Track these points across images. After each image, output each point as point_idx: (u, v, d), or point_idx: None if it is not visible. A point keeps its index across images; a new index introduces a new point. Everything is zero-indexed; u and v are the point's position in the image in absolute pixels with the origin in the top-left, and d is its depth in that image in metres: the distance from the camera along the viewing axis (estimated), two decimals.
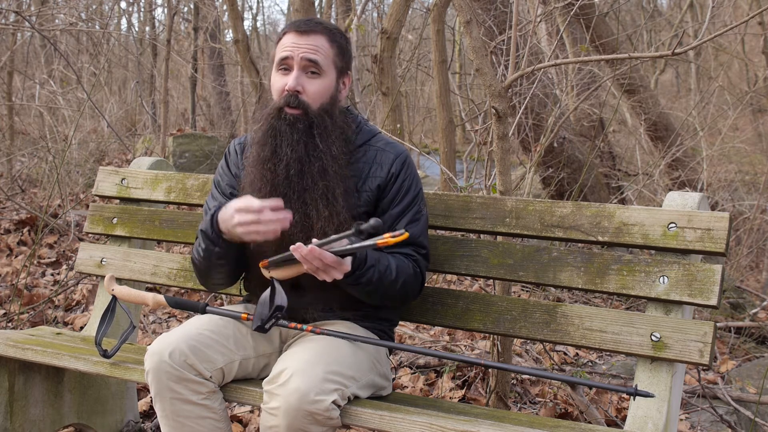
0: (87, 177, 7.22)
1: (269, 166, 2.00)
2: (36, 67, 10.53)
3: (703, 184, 6.66)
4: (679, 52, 2.35)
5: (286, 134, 2.00)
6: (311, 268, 1.84)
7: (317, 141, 2.01)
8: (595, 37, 6.65)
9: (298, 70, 2.02)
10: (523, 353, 3.75)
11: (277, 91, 2.05)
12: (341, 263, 1.84)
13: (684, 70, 16.69)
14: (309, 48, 2.02)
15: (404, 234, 1.72)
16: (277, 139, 2.00)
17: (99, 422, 2.67)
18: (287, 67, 2.04)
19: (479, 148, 4.15)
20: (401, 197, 2.09)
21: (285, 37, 2.06)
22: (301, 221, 1.98)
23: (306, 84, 2.02)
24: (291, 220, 1.92)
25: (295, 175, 1.99)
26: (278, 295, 1.88)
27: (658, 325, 1.95)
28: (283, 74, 2.05)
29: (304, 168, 1.99)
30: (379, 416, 1.81)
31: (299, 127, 2.00)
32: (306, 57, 2.02)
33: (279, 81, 2.05)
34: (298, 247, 1.81)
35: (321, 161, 2.00)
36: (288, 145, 2.00)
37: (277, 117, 2.01)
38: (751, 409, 3.11)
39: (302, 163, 2.00)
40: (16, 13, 5.93)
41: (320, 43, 2.04)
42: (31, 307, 4.05)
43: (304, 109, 2.01)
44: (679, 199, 2.05)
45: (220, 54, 12.87)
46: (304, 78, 2.02)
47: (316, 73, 2.04)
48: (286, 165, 1.99)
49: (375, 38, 7.37)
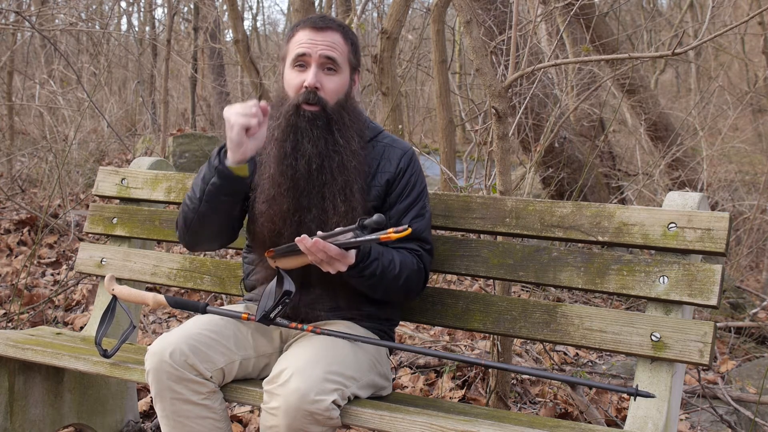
0: (87, 177, 7.22)
1: (289, 161, 2.00)
2: (36, 67, 10.53)
3: (703, 184, 6.66)
4: (679, 52, 2.35)
5: (306, 131, 2.00)
6: (315, 260, 1.85)
7: (337, 136, 2.02)
8: (595, 37, 6.65)
9: (316, 67, 2.02)
10: (523, 353, 3.75)
11: (293, 88, 2.04)
12: (345, 256, 1.84)
13: (684, 70, 16.69)
14: (326, 45, 2.02)
15: (407, 229, 1.73)
16: (298, 135, 2.00)
17: (99, 422, 2.67)
18: (304, 63, 2.03)
19: (479, 148, 4.15)
20: (408, 192, 2.10)
21: (299, 33, 2.05)
22: (318, 216, 1.98)
23: (324, 80, 2.02)
24: (308, 214, 1.93)
25: (316, 170, 1.99)
26: (286, 281, 1.88)
27: (658, 325, 1.95)
28: (300, 71, 2.04)
29: (324, 163, 2.00)
30: (379, 416, 1.81)
31: (318, 123, 2.01)
32: (324, 54, 2.02)
33: (295, 78, 2.04)
34: (303, 239, 1.81)
35: (341, 156, 2.01)
36: (309, 141, 2.00)
37: (296, 114, 2.01)
38: (751, 409, 3.11)
39: (323, 158, 2.00)
40: (16, 13, 5.94)
41: (336, 39, 2.05)
42: (31, 307, 4.05)
43: (322, 105, 2.01)
44: (679, 199, 2.05)
45: (220, 54, 12.87)
46: (322, 75, 2.02)
47: (333, 70, 2.04)
48: (308, 160, 1.99)
49: (375, 38, 7.37)
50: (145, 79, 12.32)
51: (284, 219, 2.00)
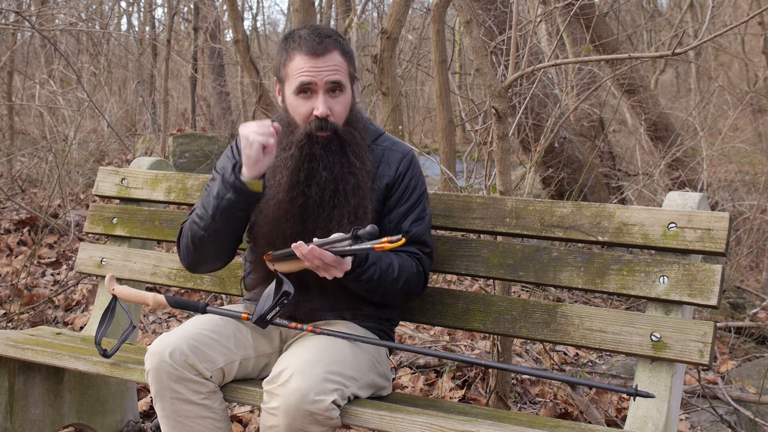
0: (87, 177, 7.22)
1: (301, 189, 2.00)
2: (36, 67, 10.52)
3: (703, 184, 6.66)
4: (679, 52, 2.35)
5: (322, 157, 2.00)
6: (312, 266, 1.86)
7: (352, 158, 2.02)
8: (595, 37, 6.65)
9: (323, 95, 2.00)
10: (523, 353, 3.75)
11: (301, 116, 2.02)
12: (341, 262, 1.85)
13: (684, 70, 16.68)
14: (330, 70, 2.00)
15: (401, 239, 1.72)
16: (313, 163, 2.00)
17: (99, 422, 2.67)
18: (309, 90, 2.01)
19: (479, 148, 4.15)
20: (408, 196, 2.10)
21: (298, 58, 2.00)
22: (322, 237, 1.95)
23: (332, 105, 2.01)
24: (309, 238, 1.91)
25: (329, 195, 2.00)
26: (285, 283, 1.89)
27: (658, 325, 1.95)
28: (305, 98, 2.01)
29: (339, 187, 2.00)
30: (379, 416, 1.81)
31: (333, 148, 2.01)
32: (330, 80, 2.00)
33: (303, 105, 2.02)
34: (299, 245, 1.82)
35: (356, 177, 2.01)
36: (324, 167, 2.00)
37: (309, 142, 2.00)
38: (751, 409, 3.11)
39: (337, 182, 2.00)
40: (16, 13, 5.94)
41: (337, 60, 2.02)
42: (31, 307, 4.05)
43: (333, 130, 2.01)
44: (679, 199, 2.05)
45: (220, 54, 12.86)
46: (329, 100, 2.01)
47: (339, 91, 2.03)
48: (321, 187, 1.99)
49: (375, 38, 7.37)
50: (145, 79, 12.32)
51: (285, 244, 1.96)
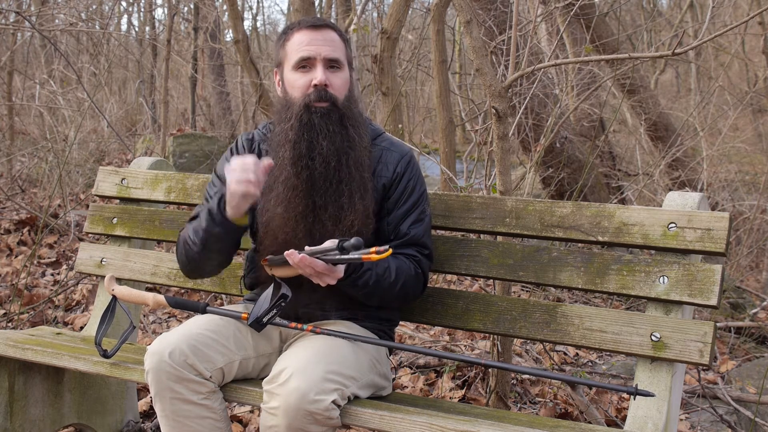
0: (87, 177, 7.22)
1: (305, 162, 1.98)
2: (36, 67, 10.53)
3: (703, 184, 6.66)
4: (679, 52, 2.35)
5: (321, 127, 1.99)
6: (304, 273, 1.87)
7: (351, 132, 2.02)
8: (596, 37, 6.65)
9: (322, 67, 2.02)
10: (523, 353, 3.75)
11: (299, 89, 2.03)
12: (333, 270, 1.86)
13: (684, 70, 16.68)
14: (328, 45, 2.03)
15: (388, 251, 1.72)
16: (313, 132, 1.99)
17: (99, 422, 2.67)
18: (308, 65, 2.03)
19: (479, 148, 4.15)
20: (406, 197, 2.09)
21: (297, 35, 2.05)
22: (334, 213, 1.97)
23: (331, 77, 2.03)
24: (324, 213, 1.93)
25: (334, 167, 1.98)
26: (283, 286, 1.90)
27: (658, 325, 1.95)
28: (304, 72, 2.04)
29: (341, 159, 1.99)
30: (379, 416, 1.81)
31: (332, 118, 2.00)
32: (329, 56, 2.03)
33: (301, 78, 2.03)
34: (291, 254, 1.83)
35: (356, 152, 2.01)
36: (324, 137, 1.99)
37: (307, 112, 2.00)
38: (751, 409, 3.11)
39: (339, 154, 1.99)
40: (16, 13, 5.94)
41: (335, 38, 2.06)
42: (31, 307, 4.05)
43: (332, 101, 2.02)
44: (679, 199, 2.05)
45: (220, 54, 12.85)
46: (328, 72, 2.03)
47: (337, 68, 2.05)
48: (325, 158, 1.98)
49: (375, 38, 7.37)
50: (146, 79, 12.32)
51: (298, 221, 1.98)
